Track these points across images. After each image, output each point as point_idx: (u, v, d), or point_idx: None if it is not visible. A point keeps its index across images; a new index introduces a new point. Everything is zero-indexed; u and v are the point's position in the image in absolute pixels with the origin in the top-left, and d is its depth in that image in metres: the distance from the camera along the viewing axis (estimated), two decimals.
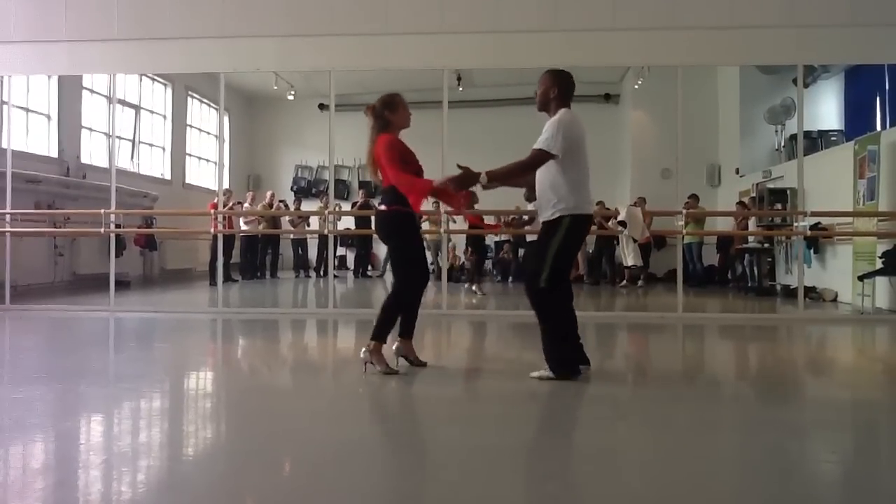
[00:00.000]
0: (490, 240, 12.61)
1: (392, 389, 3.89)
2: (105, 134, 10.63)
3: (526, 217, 8.80)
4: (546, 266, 3.87)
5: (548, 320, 3.94)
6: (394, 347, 4.28)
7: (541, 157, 3.86)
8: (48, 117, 9.89)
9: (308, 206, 14.29)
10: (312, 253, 13.35)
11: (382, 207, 4.18)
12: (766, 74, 11.11)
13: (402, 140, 4.20)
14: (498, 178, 3.95)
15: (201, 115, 14.43)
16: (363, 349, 4.12)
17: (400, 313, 4.19)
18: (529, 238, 8.82)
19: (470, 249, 10.64)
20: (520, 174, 4.00)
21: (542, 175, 3.98)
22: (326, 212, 8.48)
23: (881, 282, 7.74)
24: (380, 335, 4.11)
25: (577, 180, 3.91)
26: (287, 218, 12.96)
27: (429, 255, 5.96)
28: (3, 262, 7.79)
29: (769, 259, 10.36)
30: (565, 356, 3.93)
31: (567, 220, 3.86)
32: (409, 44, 7.43)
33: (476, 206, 8.53)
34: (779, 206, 9.68)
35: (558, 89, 3.98)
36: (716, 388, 4.22)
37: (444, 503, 2.26)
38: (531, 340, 4.08)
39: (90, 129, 10.76)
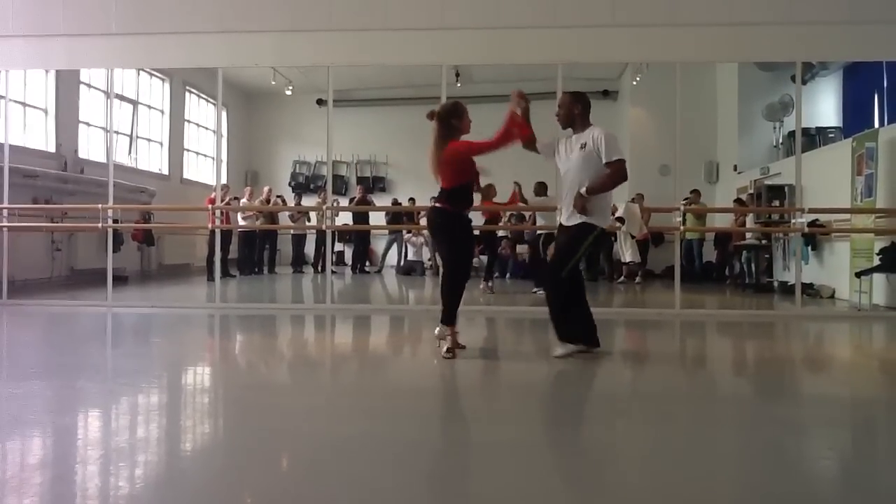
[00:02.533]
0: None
1: (389, 383, 3.89)
2: (103, 129, 10.63)
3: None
4: (571, 263, 4.41)
5: (558, 298, 4.44)
6: (436, 331, 4.55)
7: (624, 164, 4.29)
8: (45, 112, 9.86)
9: (306, 201, 14.26)
10: (310, 248, 13.35)
11: (436, 205, 4.49)
12: (764, 71, 11.12)
13: None
14: (593, 193, 4.32)
15: (199, 110, 14.42)
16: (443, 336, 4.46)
17: (460, 292, 4.48)
18: (530, 234, 8.69)
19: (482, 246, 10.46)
20: (613, 187, 4.40)
21: (581, 180, 4.32)
22: (324, 207, 8.46)
23: (878, 278, 7.76)
24: (449, 318, 4.45)
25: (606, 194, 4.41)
26: (286, 213, 12.94)
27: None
28: (0, 257, 7.78)
29: (767, 256, 10.37)
30: (571, 328, 4.48)
31: (599, 231, 4.38)
32: (407, 39, 7.41)
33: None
34: (777, 202, 9.69)
35: (581, 105, 4.44)
36: (714, 384, 4.23)
37: (444, 499, 2.27)
38: (532, 336, 4.09)
39: (88, 124, 10.75)
